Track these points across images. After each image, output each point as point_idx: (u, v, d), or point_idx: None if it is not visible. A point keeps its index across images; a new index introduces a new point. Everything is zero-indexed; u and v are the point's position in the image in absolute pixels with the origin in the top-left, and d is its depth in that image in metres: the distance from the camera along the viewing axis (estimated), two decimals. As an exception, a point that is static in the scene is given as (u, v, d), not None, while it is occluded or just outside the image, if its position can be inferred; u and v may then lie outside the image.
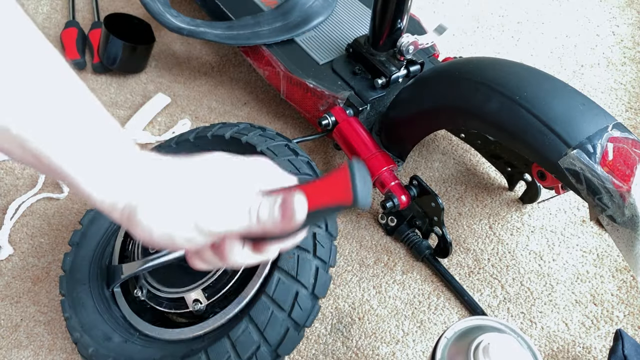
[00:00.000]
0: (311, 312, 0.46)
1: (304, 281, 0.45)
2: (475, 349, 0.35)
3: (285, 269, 0.45)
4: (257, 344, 0.44)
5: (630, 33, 1.00)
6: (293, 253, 0.46)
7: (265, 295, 0.45)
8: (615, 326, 0.60)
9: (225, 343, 0.44)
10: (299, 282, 0.45)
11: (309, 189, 0.31)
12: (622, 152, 0.45)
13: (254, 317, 0.44)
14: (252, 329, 0.44)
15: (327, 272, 0.47)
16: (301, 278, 0.45)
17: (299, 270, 0.45)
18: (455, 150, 0.78)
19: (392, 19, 0.64)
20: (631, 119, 0.85)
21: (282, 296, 0.45)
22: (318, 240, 0.47)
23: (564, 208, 0.71)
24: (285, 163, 0.52)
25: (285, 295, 0.45)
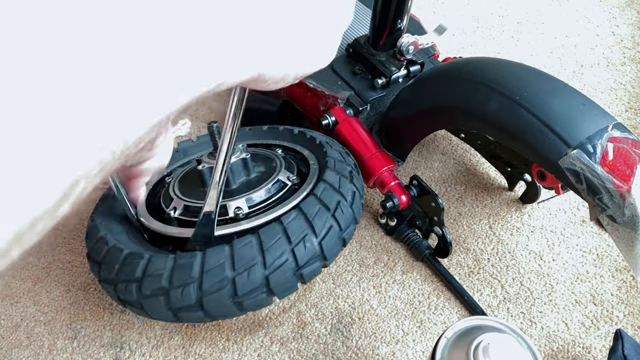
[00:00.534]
0: (350, 223, 0.51)
1: (345, 194, 0.52)
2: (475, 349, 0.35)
3: (329, 182, 0.52)
4: (305, 232, 0.48)
5: (630, 33, 1.00)
6: (336, 174, 0.54)
7: (313, 195, 0.50)
8: (615, 326, 0.60)
9: (276, 227, 0.47)
10: (341, 194, 0.51)
11: None
12: (622, 152, 0.45)
13: (303, 209, 0.49)
14: (301, 218, 0.48)
15: (362, 199, 0.55)
16: (343, 191, 0.52)
17: (340, 185, 0.52)
18: (455, 150, 0.78)
19: (392, 19, 0.64)
20: (631, 119, 0.85)
21: (327, 198, 0.50)
22: (353, 175, 0.55)
23: (564, 208, 0.71)
24: (336, 153, 0.59)
25: (330, 199, 0.50)
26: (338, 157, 0.58)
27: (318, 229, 0.48)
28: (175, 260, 0.46)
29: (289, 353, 0.58)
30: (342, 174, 0.55)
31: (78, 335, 0.60)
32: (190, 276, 0.45)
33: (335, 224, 0.50)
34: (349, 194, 0.52)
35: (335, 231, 0.49)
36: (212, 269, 0.45)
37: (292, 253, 0.47)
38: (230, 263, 0.45)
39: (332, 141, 0.63)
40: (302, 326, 0.60)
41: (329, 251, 0.49)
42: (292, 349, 0.58)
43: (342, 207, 0.51)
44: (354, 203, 0.53)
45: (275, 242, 0.47)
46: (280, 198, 0.56)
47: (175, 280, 0.45)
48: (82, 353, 0.58)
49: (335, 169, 0.55)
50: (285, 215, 0.49)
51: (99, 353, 0.58)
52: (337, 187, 0.52)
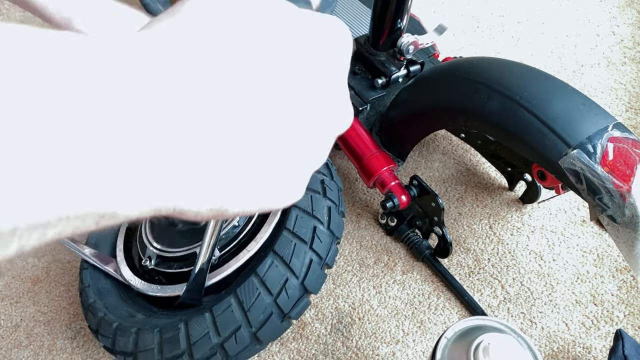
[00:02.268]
0: (331, 246, 0.49)
1: (320, 216, 0.49)
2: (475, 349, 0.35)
3: (301, 207, 0.49)
4: (284, 276, 0.46)
5: (630, 33, 1.00)
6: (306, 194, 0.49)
7: (286, 230, 0.47)
8: (615, 326, 0.60)
9: (253, 282, 0.46)
10: (316, 218, 0.48)
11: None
12: (622, 152, 0.45)
13: (278, 251, 0.46)
14: (278, 263, 0.46)
15: (341, 206, 0.52)
16: (317, 213, 0.49)
17: (314, 206, 0.49)
18: (455, 150, 0.78)
19: (392, 19, 0.64)
20: (631, 119, 0.85)
21: (302, 229, 0.47)
22: (326, 184, 0.51)
23: (564, 208, 0.71)
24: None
25: (305, 229, 0.47)
26: None
27: (297, 270, 0.46)
28: (161, 334, 0.47)
29: (289, 353, 0.58)
30: (313, 189, 0.51)
31: (77, 335, 0.60)
32: (180, 348, 0.45)
33: (314, 256, 0.47)
34: (324, 213, 0.49)
35: (316, 263, 0.47)
36: (198, 340, 0.45)
37: (275, 305, 0.46)
38: (214, 330, 0.45)
39: None
40: (302, 326, 0.60)
41: (313, 285, 0.47)
42: (292, 349, 0.58)
43: (319, 235, 0.48)
44: (331, 222, 0.49)
45: (255, 299, 0.45)
46: (249, 232, 0.53)
47: (166, 353, 0.46)
48: (81, 353, 0.58)
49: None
50: (261, 266, 0.46)
51: (99, 353, 0.58)
52: (310, 210, 0.48)
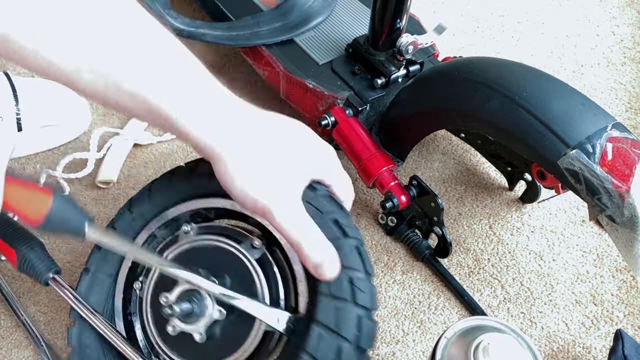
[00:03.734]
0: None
1: (346, 332, 0.38)
2: (475, 349, 0.35)
3: (323, 322, 0.38)
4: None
5: (630, 33, 1.00)
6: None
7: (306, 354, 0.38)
8: (615, 326, 0.60)
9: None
10: (342, 337, 0.38)
11: None
12: (622, 152, 0.45)
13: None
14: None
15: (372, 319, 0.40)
16: (343, 330, 0.38)
17: (339, 320, 0.38)
18: (455, 150, 0.78)
19: (391, 19, 0.64)
20: (631, 119, 0.85)
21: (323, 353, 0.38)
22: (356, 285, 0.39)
23: (564, 208, 0.71)
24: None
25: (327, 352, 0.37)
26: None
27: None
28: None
29: (288, 353, 0.58)
30: (339, 297, 0.38)
31: (78, 335, 0.60)
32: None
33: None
34: (352, 326, 0.38)
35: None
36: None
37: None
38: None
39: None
40: (302, 326, 0.60)
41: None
42: (292, 349, 0.58)
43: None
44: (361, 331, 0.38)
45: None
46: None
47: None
48: (82, 353, 0.58)
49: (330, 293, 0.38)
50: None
51: (99, 353, 0.58)
52: (334, 328, 0.38)
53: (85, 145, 0.77)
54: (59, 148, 0.77)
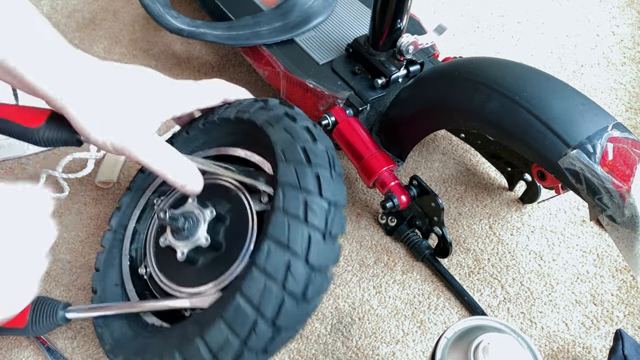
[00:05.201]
0: (311, 281, 0.39)
1: (295, 248, 0.39)
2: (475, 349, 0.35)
3: (275, 236, 0.39)
4: (252, 321, 0.38)
5: (630, 33, 1.00)
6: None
7: (256, 267, 0.39)
8: (615, 326, 0.60)
9: (220, 324, 0.39)
10: (291, 250, 0.39)
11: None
12: (622, 152, 0.45)
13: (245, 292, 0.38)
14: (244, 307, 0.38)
15: (339, 215, 0.42)
16: (292, 244, 0.39)
17: (290, 231, 0.39)
18: (455, 150, 0.78)
19: (391, 19, 0.64)
20: (631, 119, 0.85)
21: (272, 267, 0.38)
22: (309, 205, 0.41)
23: (564, 208, 0.71)
24: (281, 132, 0.46)
25: (276, 266, 0.38)
26: (290, 147, 0.43)
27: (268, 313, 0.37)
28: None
29: (288, 353, 0.58)
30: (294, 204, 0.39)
31: (78, 335, 0.60)
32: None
33: (287, 297, 0.38)
34: (304, 242, 0.38)
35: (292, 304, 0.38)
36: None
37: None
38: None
39: (276, 107, 0.50)
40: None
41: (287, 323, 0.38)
42: (292, 349, 0.58)
43: (293, 271, 0.38)
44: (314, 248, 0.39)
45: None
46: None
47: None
48: (81, 353, 0.58)
49: (286, 199, 0.40)
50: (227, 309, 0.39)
51: (99, 353, 0.58)
52: (285, 241, 0.38)
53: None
54: (59, 148, 0.77)
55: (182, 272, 0.50)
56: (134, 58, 0.92)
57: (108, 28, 0.98)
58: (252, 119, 0.50)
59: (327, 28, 0.78)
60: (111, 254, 0.58)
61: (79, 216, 0.70)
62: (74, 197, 0.72)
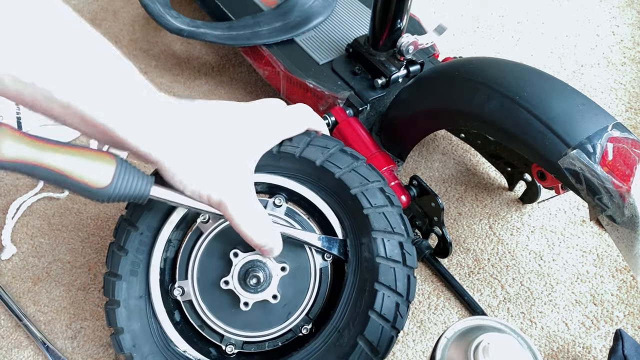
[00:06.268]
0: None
1: (399, 323, 0.46)
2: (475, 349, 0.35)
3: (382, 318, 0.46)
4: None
5: (630, 33, 1.00)
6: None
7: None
8: (615, 326, 0.60)
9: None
10: (395, 329, 0.46)
11: None
12: (622, 152, 0.45)
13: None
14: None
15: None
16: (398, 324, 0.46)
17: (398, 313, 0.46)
18: (455, 150, 0.78)
19: (392, 19, 0.64)
20: (631, 119, 0.85)
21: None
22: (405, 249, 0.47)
23: (564, 208, 0.71)
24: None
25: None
26: (387, 228, 0.46)
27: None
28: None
29: (289, 353, 0.58)
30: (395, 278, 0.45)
31: (78, 335, 0.60)
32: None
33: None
34: (404, 303, 0.45)
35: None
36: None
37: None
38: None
39: (369, 175, 0.48)
40: (302, 326, 0.60)
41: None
42: (292, 349, 0.58)
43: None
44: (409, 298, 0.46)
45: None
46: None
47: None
48: (82, 353, 0.58)
49: (390, 280, 0.45)
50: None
51: (99, 353, 0.58)
52: (394, 287, 0.45)
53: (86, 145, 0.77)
54: (59, 148, 0.77)
55: (230, 312, 0.48)
56: (134, 58, 0.92)
57: (108, 28, 0.98)
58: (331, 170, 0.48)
59: (327, 28, 0.78)
60: (136, 259, 0.50)
61: (79, 216, 0.70)
62: (74, 197, 0.72)
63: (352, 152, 0.49)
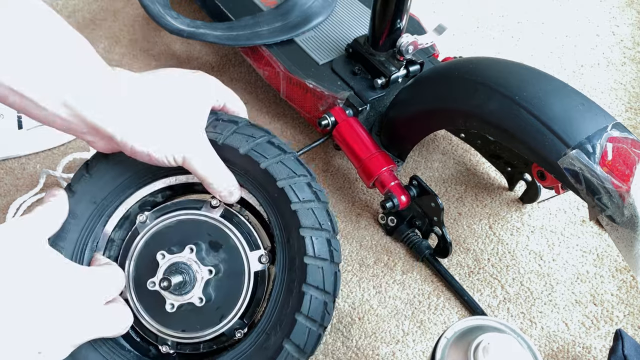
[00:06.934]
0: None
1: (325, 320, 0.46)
2: (475, 349, 0.35)
3: (308, 316, 0.45)
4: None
5: (630, 33, 1.00)
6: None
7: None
8: (615, 326, 0.60)
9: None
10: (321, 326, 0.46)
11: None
12: (622, 152, 0.45)
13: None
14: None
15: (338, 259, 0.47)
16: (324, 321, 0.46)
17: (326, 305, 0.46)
18: (455, 150, 0.78)
19: (391, 19, 0.64)
20: (631, 119, 0.85)
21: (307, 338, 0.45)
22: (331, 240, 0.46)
23: (564, 208, 0.71)
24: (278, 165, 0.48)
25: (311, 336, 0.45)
26: (312, 219, 0.45)
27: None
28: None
29: (288, 353, 0.58)
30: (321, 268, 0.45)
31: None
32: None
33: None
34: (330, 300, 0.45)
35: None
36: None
37: None
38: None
39: (291, 162, 0.47)
40: (302, 326, 0.60)
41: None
42: (292, 349, 0.58)
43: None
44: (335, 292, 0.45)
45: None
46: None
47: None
48: (82, 353, 0.58)
49: (314, 265, 0.45)
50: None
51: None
52: (317, 319, 0.44)
53: (85, 145, 0.77)
54: (59, 148, 0.77)
55: (163, 313, 0.48)
56: (134, 58, 0.92)
57: (108, 28, 0.98)
58: (256, 158, 0.47)
59: (327, 28, 0.78)
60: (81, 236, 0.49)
61: (79, 216, 0.70)
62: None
63: (281, 144, 0.48)
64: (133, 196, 0.50)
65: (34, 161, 0.76)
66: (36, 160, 0.76)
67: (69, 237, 0.47)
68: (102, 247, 0.50)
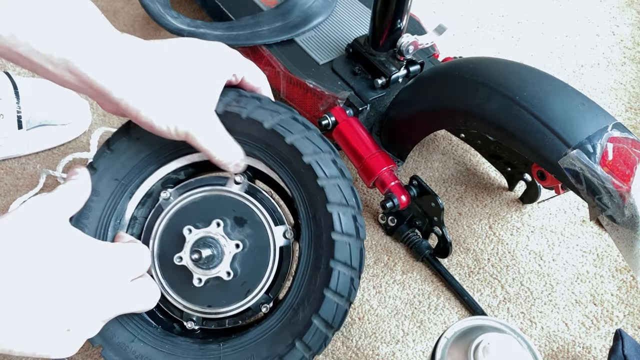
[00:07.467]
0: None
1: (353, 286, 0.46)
2: (475, 349, 0.35)
3: (336, 290, 0.45)
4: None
5: (630, 33, 1.00)
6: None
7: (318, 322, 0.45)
8: (615, 326, 0.60)
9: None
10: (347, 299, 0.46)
11: None
12: (622, 152, 0.45)
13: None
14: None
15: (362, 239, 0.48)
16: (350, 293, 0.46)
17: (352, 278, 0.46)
18: (455, 150, 0.78)
19: (392, 19, 0.64)
20: (631, 119, 0.85)
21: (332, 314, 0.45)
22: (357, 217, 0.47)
23: (564, 208, 0.71)
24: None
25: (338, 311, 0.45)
26: (340, 198, 0.45)
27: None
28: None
29: (289, 353, 0.58)
30: (350, 245, 0.45)
31: (78, 335, 0.60)
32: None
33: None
34: (357, 272, 0.45)
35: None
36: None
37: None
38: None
39: (325, 150, 0.47)
40: (302, 326, 0.60)
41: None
42: (292, 349, 0.58)
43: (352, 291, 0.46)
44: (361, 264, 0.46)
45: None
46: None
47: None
48: (81, 353, 0.58)
49: (342, 244, 0.44)
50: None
51: (99, 353, 0.58)
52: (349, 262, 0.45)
53: (85, 145, 0.77)
54: (59, 148, 0.77)
55: (189, 289, 0.48)
56: (134, 58, 0.92)
57: (108, 28, 0.98)
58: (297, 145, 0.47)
59: (327, 28, 0.78)
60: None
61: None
62: (74, 197, 0.72)
63: (304, 121, 0.47)
64: (155, 173, 0.50)
65: (34, 161, 0.76)
66: (36, 160, 0.76)
67: (92, 215, 0.47)
68: (125, 225, 0.50)
